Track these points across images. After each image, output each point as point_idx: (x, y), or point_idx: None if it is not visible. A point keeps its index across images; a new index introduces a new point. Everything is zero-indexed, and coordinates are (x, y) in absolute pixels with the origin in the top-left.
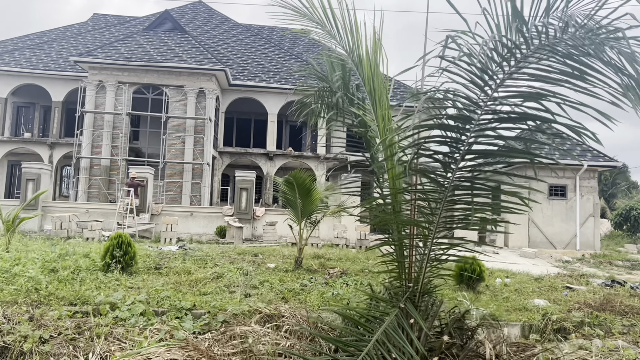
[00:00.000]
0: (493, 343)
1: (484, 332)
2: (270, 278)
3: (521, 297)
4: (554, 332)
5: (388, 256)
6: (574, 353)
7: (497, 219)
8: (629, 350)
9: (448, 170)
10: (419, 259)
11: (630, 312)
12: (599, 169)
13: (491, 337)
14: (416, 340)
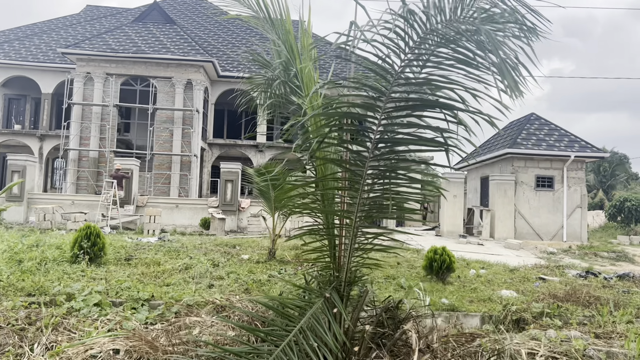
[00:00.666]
0: (426, 333)
1: (434, 322)
2: (238, 269)
3: (490, 288)
4: (513, 322)
5: (313, 244)
6: (524, 344)
7: (419, 209)
8: (579, 341)
9: (361, 159)
10: (345, 248)
11: (594, 303)
12: (587, 160)
13: (423, 327)
14: (337, 329)
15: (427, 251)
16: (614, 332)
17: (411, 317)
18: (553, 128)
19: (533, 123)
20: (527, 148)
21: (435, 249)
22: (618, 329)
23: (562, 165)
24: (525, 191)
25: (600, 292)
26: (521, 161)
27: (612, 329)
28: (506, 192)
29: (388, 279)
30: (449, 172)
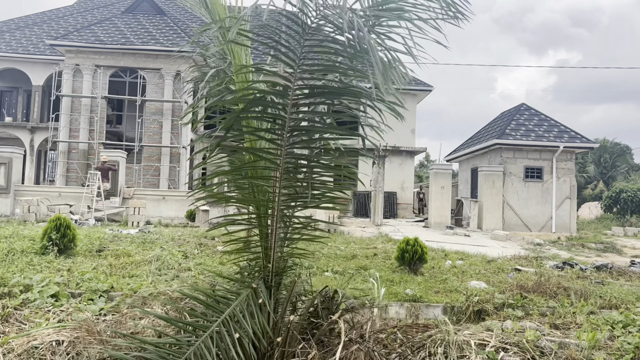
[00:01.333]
0: (362, 323)
1: (372, 313)
2: (208, 261)
3: (461, 279)
4: (475, 313)
5: (236, 234)
6: (475, 335)
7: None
8: (531, 332)
9: (275, 147)
10: (269, 237)
11: (562, 294)
12: (577, 150)
13: (369, 317)
14: (261, 319)
15: (400, 242)
16: (574, 323)
17: (350, 307)
18: (543, 118)
19: (523, 113)
20: (516, 139)
21: (407, 240)
22: (578, 320)
23: (552, 156)
24: (513, 182)
25: (572, 283)
26: (510, 152)
27: (572, 320)
28: (494, 183)
29: (359, 270)
30: (437, 164)
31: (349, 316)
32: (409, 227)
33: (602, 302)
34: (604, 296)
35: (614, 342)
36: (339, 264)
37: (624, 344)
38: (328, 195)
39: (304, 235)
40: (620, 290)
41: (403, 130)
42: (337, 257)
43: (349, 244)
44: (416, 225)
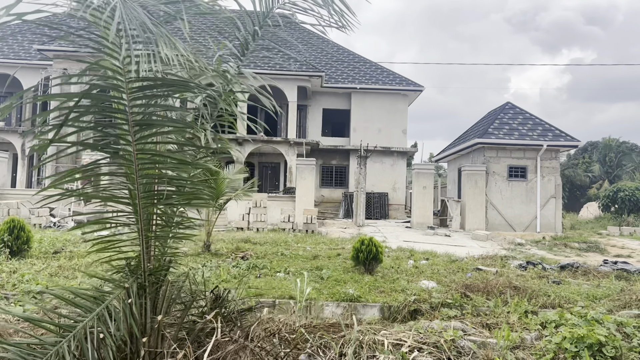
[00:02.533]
0: (249, 323)
1: (261, 313)
2: None
3: (413, 279)
4: (410, 313)
5: (108, 234)
6: (391, 335)
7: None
8: (448, 332)
9: (122, 143)
10: (145, 236)
11: (508, 293)
12: (561, 149)
13: (268, 318)
14: (131, 320)
15: (355, 242)
16: (505, 323)
17: (249, 308)
18: (527, 117)
19: (507, 112)
20: (498, 138)
21: (362, 240)
22: (510, 320)
23: (536, 155)
24: (497, 182)
25: (528, 283)
26: (493, 151)
27: (505, 319)
28: (477, 182)
29: (313, 270)
30: (418, 164)
31: (243, 315)
32: (392, 228)
33: (546, 301)
34: (551, 295)
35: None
36: (297, 265)
37: (547, 344)
38: (197, 193)
39: (177, 234)
40: (570, 289)
41: (394, 131)
42: (298, 257)
43: (318, 245)
44: (401, 226)
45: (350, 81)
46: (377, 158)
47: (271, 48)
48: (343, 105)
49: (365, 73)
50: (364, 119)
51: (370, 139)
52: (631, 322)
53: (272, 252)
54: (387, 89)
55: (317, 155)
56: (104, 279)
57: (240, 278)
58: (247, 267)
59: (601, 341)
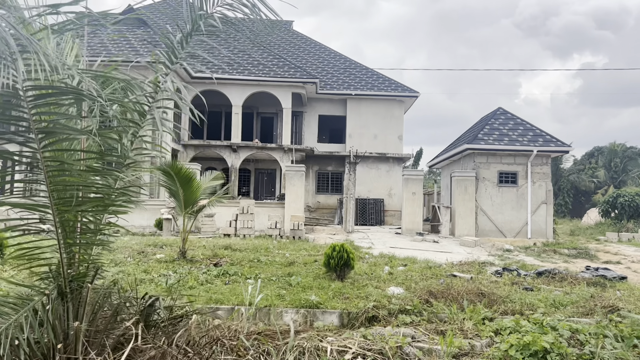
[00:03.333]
0: (180, 329)
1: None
2: (134, 269)
3: (384, 285)
4: (368, 319)
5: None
6: (337, 341)
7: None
8: (393, 338)
9: (31, 150)
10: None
11: (475, 299)
12: (552, 154)
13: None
14: (48, 327)
15: (327, 248)
16: (462, 329)
17: (164, 315)
18: (519, 122)
19: (498, 118)
20: (488, 143)
21: (334, 246)
22: (465, 327)
23: (526, 161)
24: (487, 187)
25: (500, 289)
26: (483, 157)
27: (460, 326)
28: (466, 188)
29: (284, 277)
30: (408, 170)
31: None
32: (381, 234)
33: (508, 307)
34: (515, 302)
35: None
36: (271, 271)
37: (494, 351)
38: (115, 200)
39: (95, 241)
40: (538, 296)
41: (390, 137)
42: (274, 264)
43: (299, 251)
44: (393, 232)
45: (346, 87)
46: (372, 164)
47: (266, 55)
48: (339, 112)
49: (360, 79)
50: (360, 125)
51: (366, 145)
52: (586, 329)
53: (249, 259)
54: (382, 95)
55: (313, 162)
56: (24, 286)
57: (204, 284)
58: (218, 274)
59: (546, 348)
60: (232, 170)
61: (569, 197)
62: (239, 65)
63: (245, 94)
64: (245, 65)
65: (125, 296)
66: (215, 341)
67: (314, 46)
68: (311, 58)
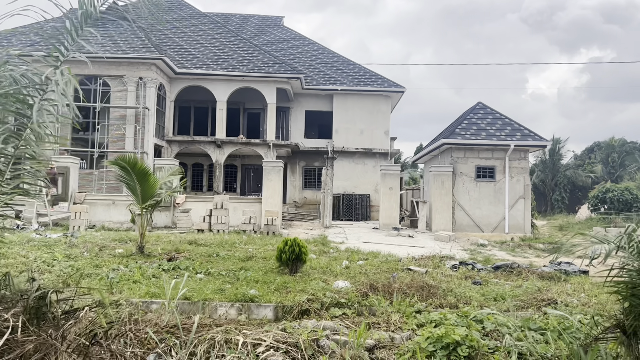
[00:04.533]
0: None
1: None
2: (84, 264)
3: (333, 279)
4: (301, 312)
5: None
6: (251, 335)
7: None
8: (307, 331)
9: None
10: None
11: (417, 293)
12: (531, 149)
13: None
14: None
15: (280, 243)
16: (388, 322)
17: (55, 309)
18: (497, 117)
19: (477, 112)
20: (465, 138)
21: (286, 240)
22: (392, 319)
23: (504, 155)
24: (465, 182)
25: (447, 283)
26: (460, 151)
27: (388, 319)
28: (443, 183)
29: (236, 271)
30: (385, 165)
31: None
32: (359, 229)
33: (447, 301)
34: (457, 295)
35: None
36: (225, 266)
37: (410, 344)
38: None
39: None
40: (483, 290)
41: (377, 132)
42: (232, 259)
43: (266, 246)
44: (367, 227)
45: (332, 83)
46: (359, 160)
47: (251, 51)
48: (325, 107)
49: (347, 74)
50: (346, 120)
51: (352, 141)
52: (511, 323)
53: (208, 254)
54: (367, 90)
55: (300, 157)
56: None
57: (150, 279)
58: (168, 269)
59: (457, 340)
60: (217, 166)
61: (566, 193)
62: (224, 60)
63: (229, 90)
64: (230, 61)
65: (18, 289)
66: (125, 334)
67: (303, 42)
68: (299, 54)
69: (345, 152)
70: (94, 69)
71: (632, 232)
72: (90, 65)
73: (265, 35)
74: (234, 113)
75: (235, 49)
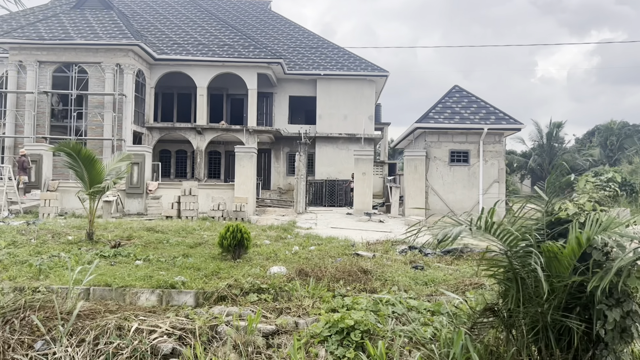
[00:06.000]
0: None
1: None
2: (24, 250)
3: (272, 265)
4: (221, 298)
5: None
6: (146, 321)
7: None
8: (202, 317)
9: None
10: None
11: (349, 278)
12: (505, 132)
13: None
14: None
15: (222, 229)
16: (300, 307)
17: None
18: (473, 100)
19: (453, 96)
20: (437, 122)
21: (228, 226)
22: (304, 304)
23: (478, 139)
24: (438, 167)
25: (386, 267)
26: (434, 136)
27: (300, 304)
28: (416, 168)
29: (178, 257)
30: (358, 150)
31: None
32: (331, 215)
33: (370, 285)
34: (388, 279)
35: None
36: (170, 252)
37: (309, 329)
38: None
39: None
40: (422, 274)
41: (360, 117)
42: (181, 245)
43: None
44: (340, 213)
45: (316, 67)
46: (342, 145)
47: (232, 36)
48: (309, 92)
49: (331, 59)
50: (330, 105)
51: (336, 126)
52: (423, 306)
53: (159, 240)
54: (350, 74)
55: (284, 143)
56: None
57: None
58: (110, 255)
59: (352, 325)
60: (198, 153)
61: (562, 177)
62: (204, 46)
63: (209, 76)
64: (210, 46)
65: None
66: (10, 321)
67: (289, 26)
68: (284, 38)
69: (329, 138)
70: (71, 56)
71: (491, 215)
72: (67, 52)
73: (251, 20)
74: (218, 99)
75: (217, 33)
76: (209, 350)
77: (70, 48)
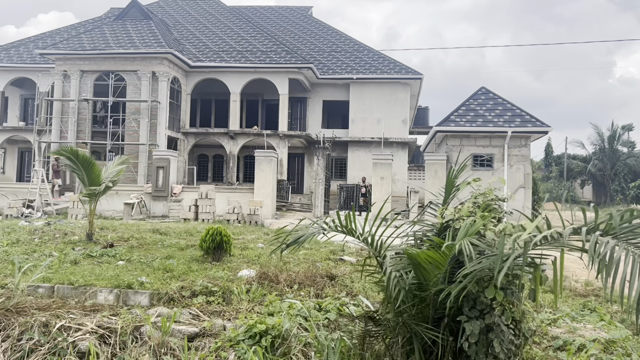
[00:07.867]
0: None
1: None
2: (20, 249)
3: (247, 267)
4: (168, 300)
5: None
6: (76, 319)
7: None
8: (128, 316)
9: None
10: None
11: (310, 282)
12: (532, 135)
13: None
14: None
15: (204, 231)
16: (239, 310)
17: None
18: (499, 102)
19: (478, 98)
20: (459, 125)
21: (209, 229)
22: (242, 307)
23: (503, 143)
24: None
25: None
26: (456, 139)
27: (238, 307)
28: (437, 172)
29: (161, 259)
30: (375, 155)
31: None
32: None
33: (322, 292)
34: (348, 285)
35: None
36: (157, 254)
37: (228, 333)
38: None
39: None
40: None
41: (394, 121)
42: (172, 247)
43: None
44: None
45: (349, 71)
46: (375, 150)
47: (266, 42)
48: (343, 97)
49: (365, 62)
50: (362, 109)
51: (369, 130)
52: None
53: (155, 242)
54: (383, 78)
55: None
56: None
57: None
58: (97, 255)
59: (265, 330)
60: (230, 157)
61: (626, 183)
62: (238, 52)
63: (242, 82)
64: (244, 52)
65: None
66: None
67: (326, 31)
68: (320, 43)
69: (362, 142)
70: (110, 65)
71: (352, 217)
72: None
73: (291, 26)
74: (253, 104)
75: (251, 40)
76: (126, 350)
77: (109, 57)
